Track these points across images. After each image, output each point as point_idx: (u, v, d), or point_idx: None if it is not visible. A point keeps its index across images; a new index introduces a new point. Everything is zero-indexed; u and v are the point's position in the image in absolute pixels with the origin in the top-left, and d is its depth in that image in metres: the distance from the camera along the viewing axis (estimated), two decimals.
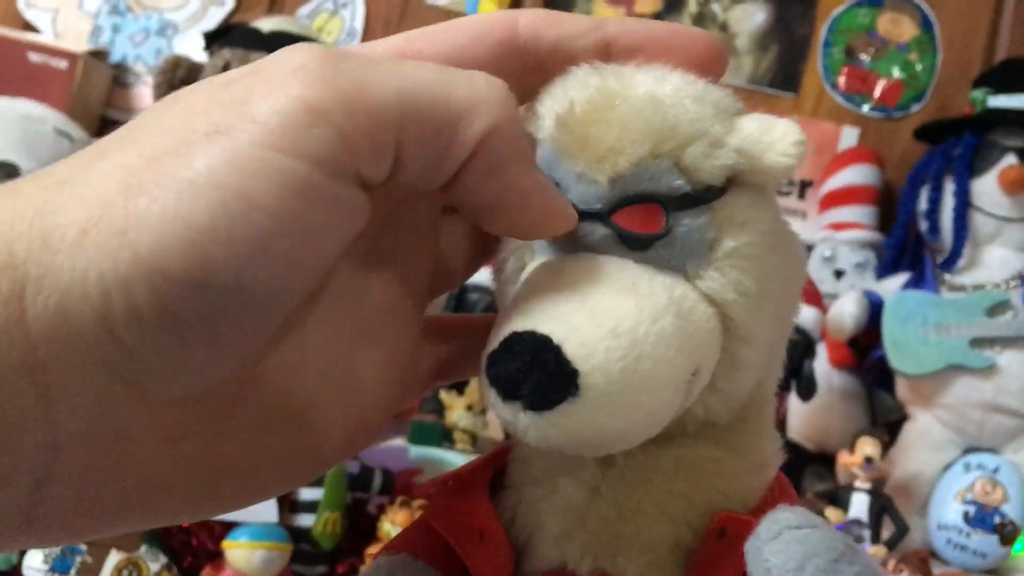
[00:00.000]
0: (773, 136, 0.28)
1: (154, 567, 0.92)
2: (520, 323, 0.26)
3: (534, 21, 0.30)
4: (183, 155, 0.22)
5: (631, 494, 0.29)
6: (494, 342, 0.26)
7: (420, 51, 0.29)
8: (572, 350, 0.25)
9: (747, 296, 0.28)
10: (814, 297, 1.21)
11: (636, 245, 0.28)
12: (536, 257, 0.30)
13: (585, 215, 0.28)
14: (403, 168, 0.25)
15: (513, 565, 0.30)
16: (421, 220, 0.31)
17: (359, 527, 1.01)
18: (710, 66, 0.30)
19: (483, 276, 0.35)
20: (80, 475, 0.23)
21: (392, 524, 0.95)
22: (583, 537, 0.29)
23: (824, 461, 1.24)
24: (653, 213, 0.28)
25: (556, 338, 0.25)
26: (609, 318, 0.26)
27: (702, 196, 0.28)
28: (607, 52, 0.30)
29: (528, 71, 0.30)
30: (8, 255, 0.22)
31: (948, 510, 1.13)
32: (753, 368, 0.30)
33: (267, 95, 0.23)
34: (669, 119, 0.28)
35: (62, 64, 1.51)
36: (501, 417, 0.27)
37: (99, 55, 1.61)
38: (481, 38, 0.29)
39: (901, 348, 1.19)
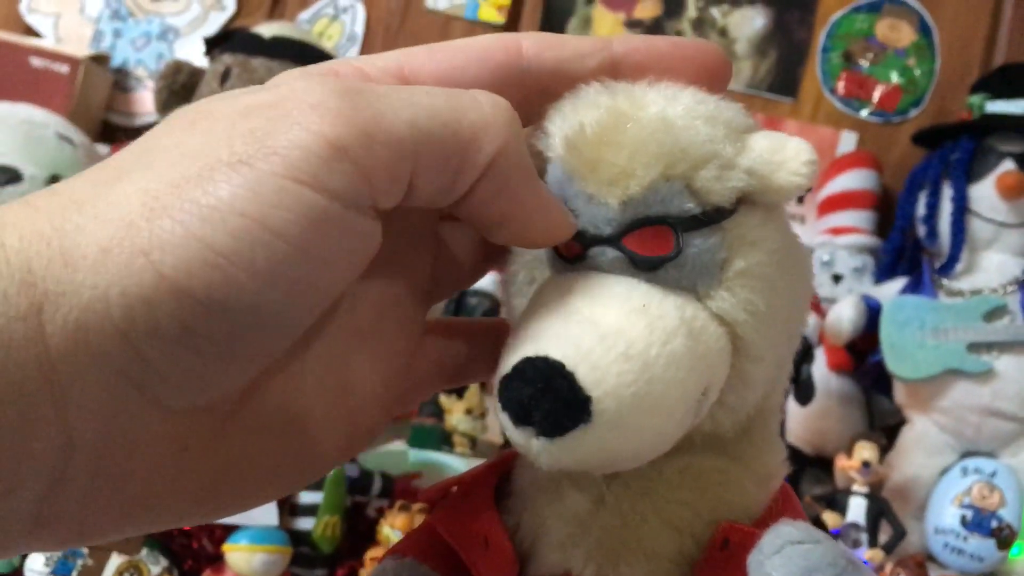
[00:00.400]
0: (784, 156, 0.28)
1: (155, 570, 0.92)
2: (532, 347, 0.26)
3: (537, 43, 0.30)
4: (206, 182, 0.23)
5: (635, 503, 0.29)
6: (506, 366, 0.27)
7: (419, 69, 0.29)
8: (584, 375, 0.25)
9: (757, 315, 0.28)
10: (812, 301, 1.21)
11: (646, 267, 0.28)
12: (546, 273, 0.30)
13: (596, 240, 0.28)
14: (416, 192, 0.26)
15: (517, 571, 0.30)
16: (417, 225, 0.31)
17: (358, 530, 1.01)
18: (715, 77, 0.30)
19: (484, 281, 0.35)
20: (90, 481, 0.24)
21: (391, 528, 0.95)
22: (587, 545, 0.29)
23: (822, 465, 1.25)
24: (664, 235, 0.28)
25: (569, 363, 0.25)
26: (620, 341, 0.26)
27: (712, 217, 0.28)
28: (614, 71, 0.30)
29: (530, 94, 0.30)
30: (27, 272, 0.22)
31: (945, 514, 1.13)
32: (760, 383, 0.30)
33: (288, 129, 0.24)
34: (681, 141, 0.27)
35: (63, 69, 1.51)
36: (513, 440, 0.27)
37: (100, 60, 1.61)
38: (482, 60, 0.29)
39: (899, 352, 1.20)
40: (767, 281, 0.28)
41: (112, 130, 1.62)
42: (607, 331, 0.26)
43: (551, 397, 0.25)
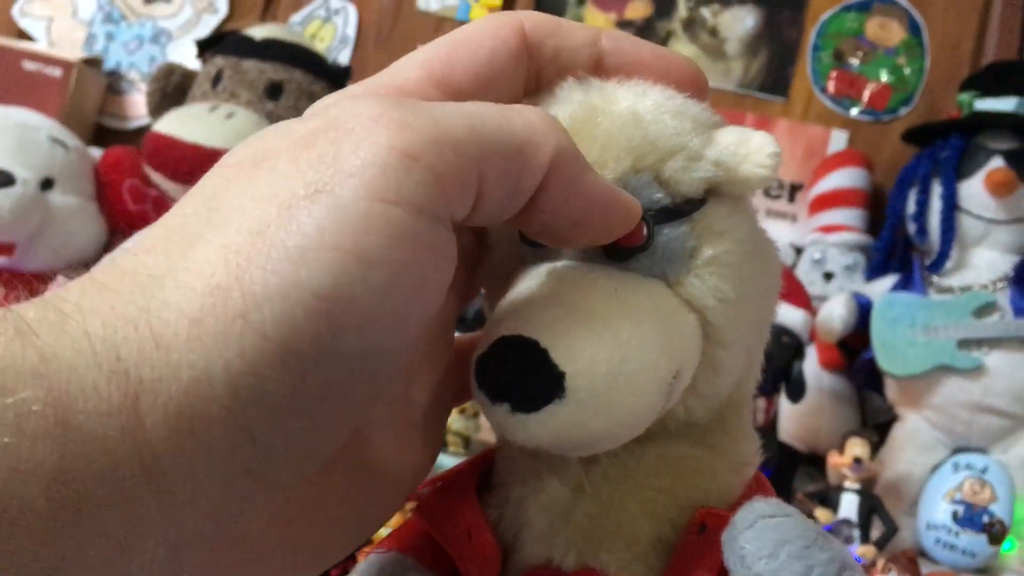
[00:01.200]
0: (749, 148, 0.29)
1: None
2: (508, 328, 0.27)
3: (537, 28, 0.30)
4: (288, 221, 0.22)
5: (614, 491, 0.30)
6: (484, 346, 0.27)
7: (451, 71, 0.28)
8: (559, 353, 0.26)
9: (726, 302, 0.29)
10: (803, 299, 1.22)
11: (619, 257, 0.29)
12: (523, 265, 0.31)
13: None
14: (483, 201, 0.25)
15: (500, 563, 0.31)
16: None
17: None
18: (692, 93, 0.31)
19: None
20: (197, 570, 0.23)
21: (384, 525, 0.95)
22: (568, 533, 0.30)
23: (815, 462, 1.25)
24: (636, 227, 0.28)
25: (543, 342, 0.26)
26: (594, 322, 0.27)
27: (683, 208, 0.29)
28: (598, 65, 0.31)
29: (530, 74, 0.30)
30: (115, 360, 0.20)
31: (937, 510, 1.13)
32: (732, 371, 0.31)
33: (357, 147, 0.22)
34: (650, 134, 0.29)
35: (56, 72, 1.51)
36: (490, 419, 0.27)
37: (93, 63, 1.62)
38: (500, 49, 0.29)
39: (889, 349, 1.20)
40: (735, 269, 0.29)
41: (105, 133, 1.63)
42: (581, 313, 0.27)
43: (527, 373, 0.26)
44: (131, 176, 1.35)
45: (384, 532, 0.34)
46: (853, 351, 1.30)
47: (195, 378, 0.21)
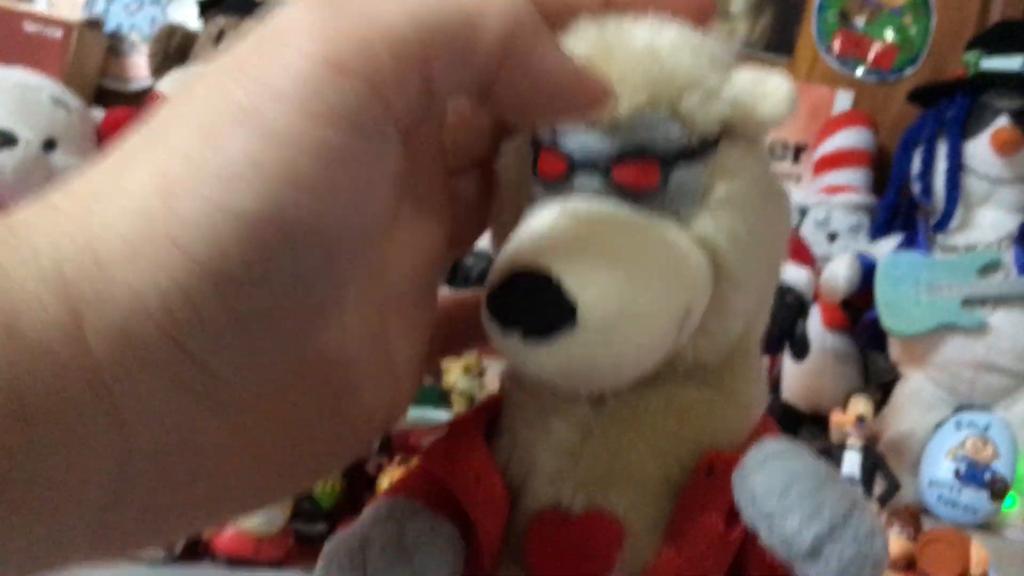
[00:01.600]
0: (766, 89, 0.29)
1: None
2: (520, 259, 0.27)
3: None
4: (216, 144, 0.21)
5: (622, 433, 0.30)
6: (495, 278, 0.27)
7: None
8: (572, 284, 0.26)
9: (737, 240, 0.29)
10: (807, 259, 1.22)
11: (632, 197, 0.29)
12: (534, 203, 0.31)
13: (583, 165, 0.29)
14: (434, 88, 0.24)
15: (508, 506, 0.31)
16: (435, 185, 0.31)
17: (358, 486, 1.02)
18: (701, 17, 0.30)
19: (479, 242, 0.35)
20: (152, 489, 0.23)
21: (390, 482, 0.96)
22: (576, 475, 0.30)
23: (818, 421, 1.26)
24: (650, 168, 0.28)
25: (555, 272, 0.26)
26: (607, 256, 0.27)
27: (697, 150, 0.29)
28: (607, 4, 0.30)
29: None
30: (59, 276, 0.21)
31: (939, 467, 1.14)
32: (741, 313, 0.31)
33: (284, 62, 0.22)
34: (667, 69, 0.28)
35: (57, 33, 1.51)
36: (501, 348, 0.28)
37: (94, 24, 1.61)
38: None
39: (893, 309, 1.20)
40: (747, 209, 0.29)
41: (106, 95, 1.62)
42: (594, 246, 0.27)
43: (538, 302, 0.26)
44: None
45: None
46: (857, 311, 1.30)
47: (132, 298, 0.21)
